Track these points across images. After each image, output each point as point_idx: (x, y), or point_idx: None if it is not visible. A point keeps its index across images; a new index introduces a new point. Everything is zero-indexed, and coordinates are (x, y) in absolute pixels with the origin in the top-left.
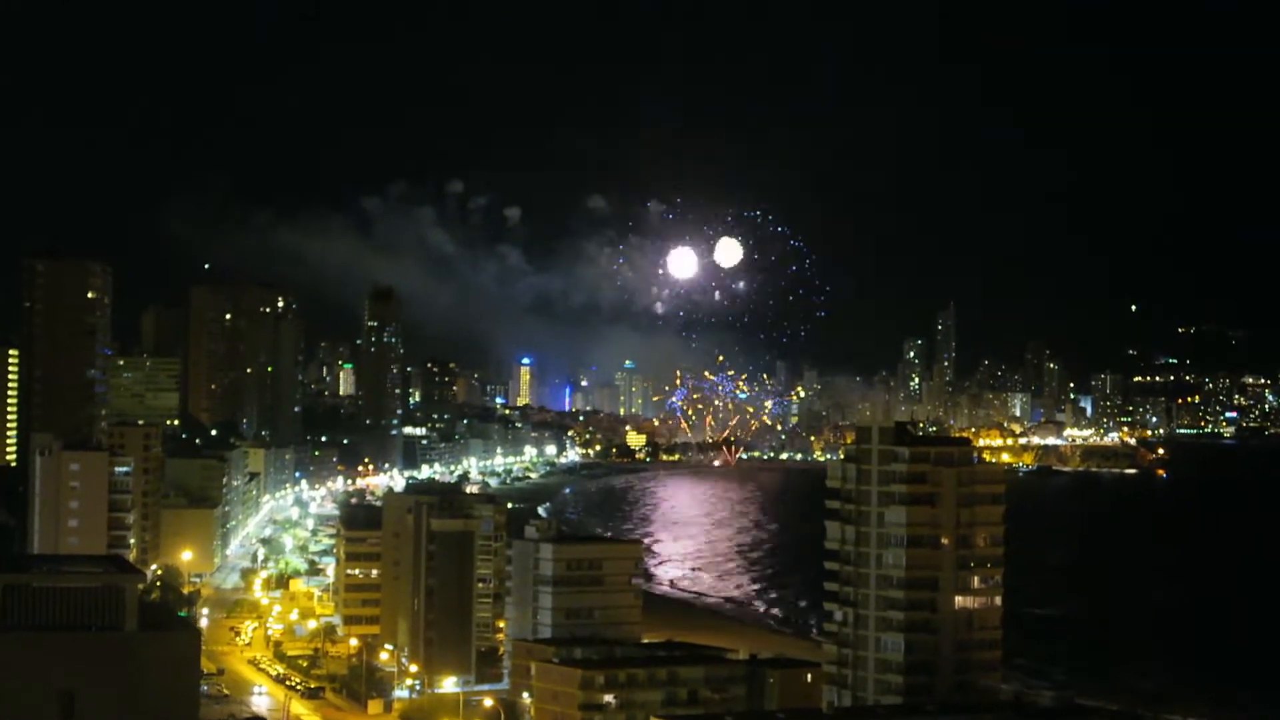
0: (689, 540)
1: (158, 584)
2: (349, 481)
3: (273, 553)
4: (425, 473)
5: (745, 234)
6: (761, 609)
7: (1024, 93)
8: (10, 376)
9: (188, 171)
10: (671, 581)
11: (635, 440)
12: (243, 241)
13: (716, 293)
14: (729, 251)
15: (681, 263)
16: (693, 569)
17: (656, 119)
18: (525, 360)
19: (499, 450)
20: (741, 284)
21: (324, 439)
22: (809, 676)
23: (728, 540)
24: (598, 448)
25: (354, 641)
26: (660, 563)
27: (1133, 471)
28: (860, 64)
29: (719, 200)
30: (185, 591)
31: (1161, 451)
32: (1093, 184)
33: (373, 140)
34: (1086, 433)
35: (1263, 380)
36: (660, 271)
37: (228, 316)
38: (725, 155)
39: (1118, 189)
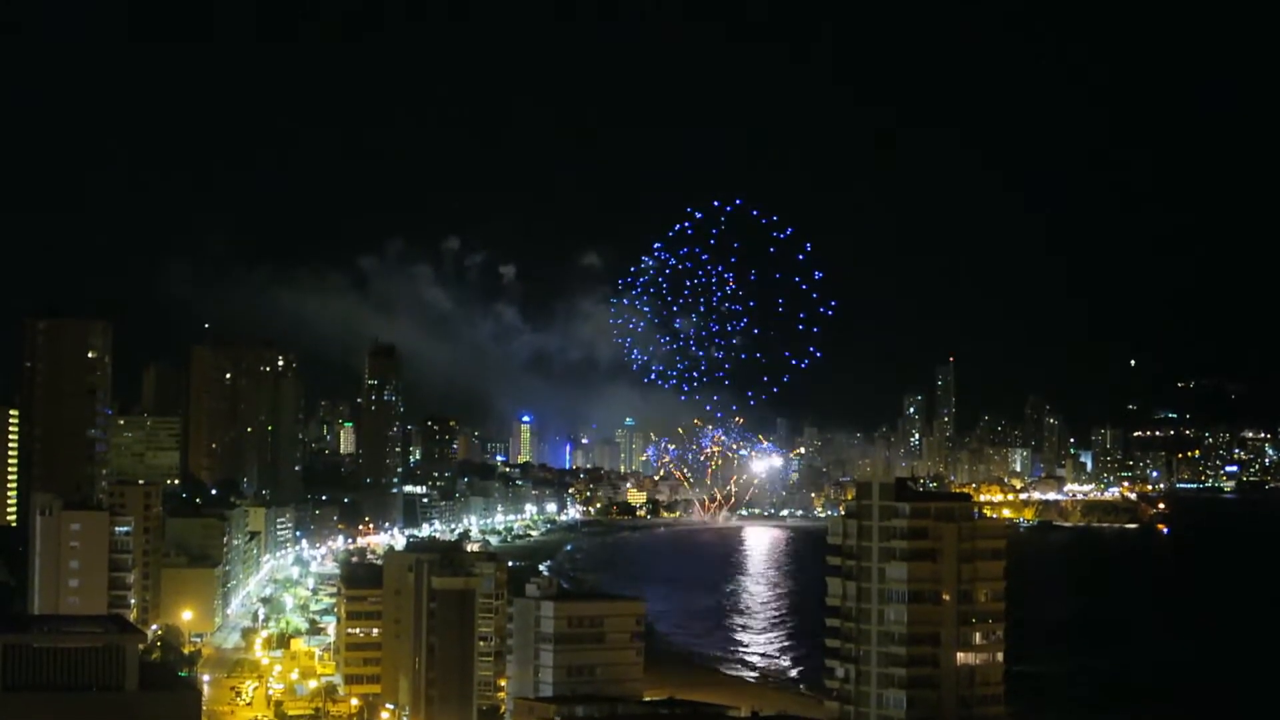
0: (690, 596)
1: (158, 644)
2: (349, 540)
3: (273, 612)
4: (426, 531)
5: (744, 288)
6: (763, 665)
7: (1018, 146)
8: (11, 436)
9: (188, 231)
10: (672, 638)
11: (636, 497)
12: (243, 300)
13: (715, 349)
14: (727, 306)
15: (680, 319)
16: (694, 625)
17: (652, 168)
18: (525, 418)
19: (499, 508)
20: (739, 340)
21: (324, 497)
22: None
23: (729, 596)
24: (598, 505)
25: (355, 701)
26: (661, 619)
27: (1133, 526)
28: (856, 125)
29: (716, 253)
30: (186, 651)
31: (1162, 506)
32: (1090, 240)
33: (369, 197)
34: (1087, 488)
35: (1263, 434)
36: (658, 328)
37: (228, 375)
38: (720, 209)
39: (1115, 245)
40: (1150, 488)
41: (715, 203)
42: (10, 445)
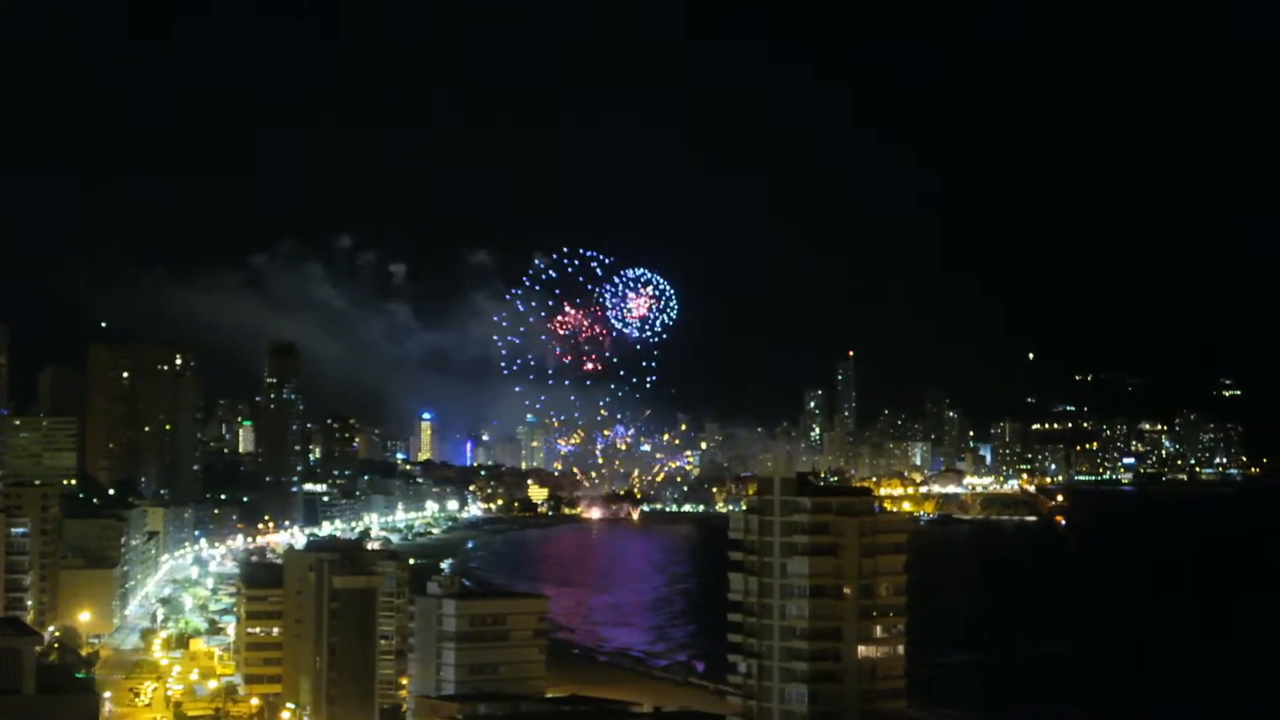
0: (593, 593)
1: (56, 646)
2: (249, 539)
3: (172, 612)
4: (326, 530)
5: (638, 285)
6: (666, 661)
7: (911, 135)
8: None
9: (82, 232)
10: (575, 635)
11: (538, 494)
12: (139, 301)
13: (611, 345)
14: (621, 303)
15: (571, 316)
16: (597, 621)
17: (537, 169)
18: (426, 416)
19: (400, 506)
20: (636, 335)
21: (224, 497)
22: None
23: (632, 592)
24: (500, 502)
25: (256, 701)
26: (564, 616)
27: (1033, 519)
28: (747, 117)
29: (610, 251)
30: (84, 653)
31: (1061, 499)
32: (985, 236)
33: (259, 196)
34: (986, 481)
35: (1160, 427)
36: (551, 325)
37: (125, 375)
38: (614, 206)
39: (1010, 241)
40: (1049, 480)
41: (602, 196)
42: None
